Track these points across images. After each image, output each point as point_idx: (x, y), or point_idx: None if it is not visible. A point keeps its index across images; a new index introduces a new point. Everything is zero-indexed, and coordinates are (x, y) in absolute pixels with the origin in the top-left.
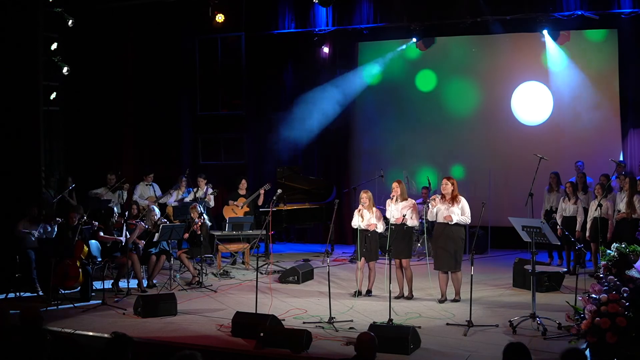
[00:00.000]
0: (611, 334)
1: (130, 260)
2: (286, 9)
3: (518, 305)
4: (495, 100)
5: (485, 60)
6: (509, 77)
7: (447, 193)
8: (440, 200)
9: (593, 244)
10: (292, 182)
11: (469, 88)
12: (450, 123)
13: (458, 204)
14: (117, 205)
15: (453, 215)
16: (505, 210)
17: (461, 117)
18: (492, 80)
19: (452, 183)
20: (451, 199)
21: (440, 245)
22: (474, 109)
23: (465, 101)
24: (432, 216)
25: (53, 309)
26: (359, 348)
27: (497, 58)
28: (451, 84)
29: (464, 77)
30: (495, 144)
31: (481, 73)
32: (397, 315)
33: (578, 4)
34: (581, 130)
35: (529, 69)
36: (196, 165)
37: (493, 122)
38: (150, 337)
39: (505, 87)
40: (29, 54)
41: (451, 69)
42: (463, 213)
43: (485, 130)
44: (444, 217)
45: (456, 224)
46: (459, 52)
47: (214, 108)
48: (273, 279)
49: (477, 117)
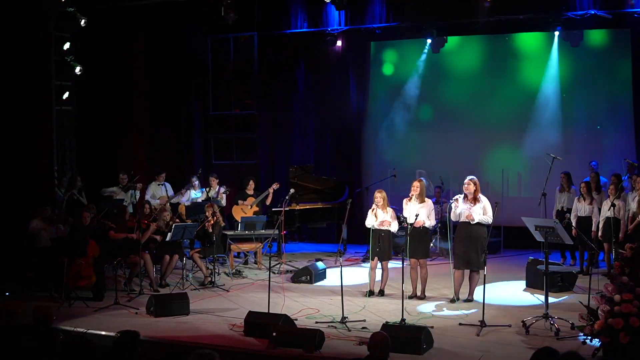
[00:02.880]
0: (624, 334)
1: (142, 259)
2: (298, 8)
3: (531, 306)
4: (507, 100)
5: (499, 59)
6: (521, 77)
7: (470, 193)
8: (462, 200)
9: (606, 244)
10: (304, 181)
11: (481, 87)
12: (463, 122)
13: (480, 204)
14: (129, 205)
15: (474, 215)
16: (518, 210)
17: (473, 116)
18: (505, 80)
19: (474, 183)
20: (473, 198)
21: (462, 244)
22: (486, 109)
23: (478, 100)
24: (455, 217)
25: (65, 309)
26: (372, 348)
27: (510, 57)
28: (464, 83)
29: (477, 76)
30: (507, 143)
31: (494, 72)
32: (409, 315)
33: (591, 3)
34: (595, 130)
35: (542, 68)
36: (208, 165)
37: (505, 121)
38: (163, 337)
39: (517, 86)
40: (41, 54)
41: (463, 68)
42: (485, 212)
43: (497, 130)
44: (466, 216)
45: (478, 224)
46: (471, 51)
47: (226, 108)
48: (285, 278)
49: (489, 116)
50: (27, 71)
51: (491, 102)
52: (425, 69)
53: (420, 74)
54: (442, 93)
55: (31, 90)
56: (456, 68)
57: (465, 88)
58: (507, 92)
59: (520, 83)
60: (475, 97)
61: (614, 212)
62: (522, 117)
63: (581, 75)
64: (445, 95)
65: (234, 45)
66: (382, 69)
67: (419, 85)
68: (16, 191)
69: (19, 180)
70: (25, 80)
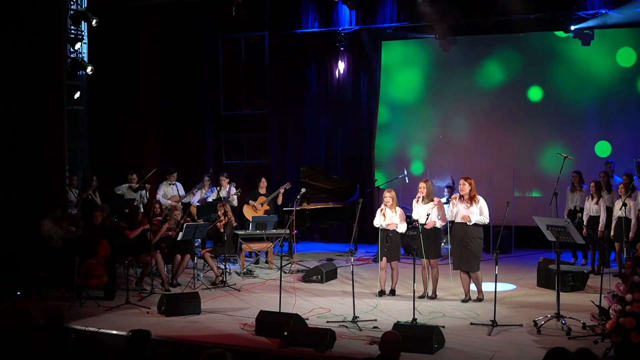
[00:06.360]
0: (636, 333)
1: (154, 259)
2: (309, 8)
3: (542, 305)
4: (517, 99)
5: (509, 58)
6: (531, 76)
7: (465, 193)
8: (458, 200)
9: (617, 243)
10: (315, 181)
11: (492, 87)
12: (474, 122)
13: (476, 204)
14: (140, 204)
15: (471, 216)
16: (530, 209)
17: (483, 115)
18: (516, 79)
19: (469, 183)
20: (469, 199)
21: (459, 245)
22: (496, 108)
23: (488, 100)
24: (451, 216)
25: (77, 308)
26: (384, 347)
27: (520, 56)
28: (474, 82)
29: (487, 75)
30: (517, 142)
31: (504, 72)
32: (421, 315)
33: (602, 2)
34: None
35: (552, 67)
36: (219, 165)
37: (516, 120)
38: (174, 336)
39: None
40: (53, 54)
41: (474, 67)
42: (481, 213)
43: (508, 129)
44: (462, 217)
45: (475, 224)
46: (482, 50)
47: (237, 107)
48: (297, 278)
49: (499, 116)
50: (39, 71)
51: (502, 102)
52: (436, 67)
53: (431, 73)
54: (452, 92)
55: (42, 90)
56: (467, 67)
57: (475, 87)
58: (518, 92)
59: (531, 82)
60: (486, 97)
61: (625, 212)
62: (533, 116)
63: (592, 74)
64: (456, 94)
65: (245, 45)
66: (392, 68)
67: (430, 84)
68: (27, 191)
69: (31, 180)
70: (36, 80)
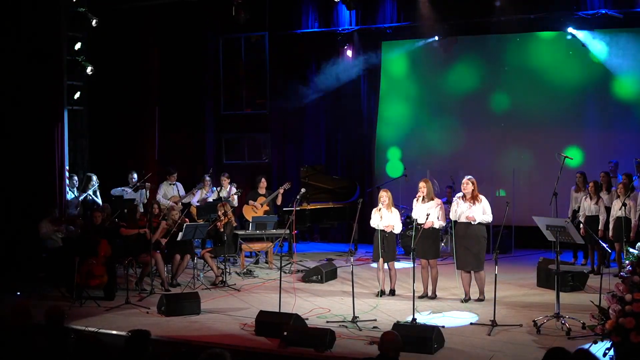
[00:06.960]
0: (635, 333)
1: (154, 259)
2: (309, 8)
3: (542, 305)
4: (518, 100)
5: (510, 59)
6: (531, 76)
7: (468, 192)
8: (461, 199)
9: (617, 243)
10: (315, 181)
11: (492, 87)
12: (475, 122)
13: (479, 203)
14: (140, 204)
15: (476, 215)
16: (530, 209)
17: (486, 116)
18: (516, 79)
19: (472, 182)
20: (472, 198)
21: (462, 245)
22: (497, 108)
23: (489, 100)
24: (454, 216)
25: (77, 308)
26: (383, 347)
27: (520, 57)
28: (475, 83)
29: (488, 76)
30: (518, 142)
31: (505, 72)
32: (420, 315)
33: (602, 2)
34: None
35: (552, 68)
36: (220, 165)
37: (516, 121)
38: (174, 336)
39: (528, 85)
40: (53, 54)
41: (474, 68)
42: (484, 212)
43: (508, 129)
44: (467, 217)
45: (478, 224)
46: (482, 51)
47: (237, 107)
48: (296, 278)
49: (500, 116)
50: (39, 71)
51: (502, 102)
52: (436, 68)
53: (431, 73)
54: (453, 92)
55: (42, 90)
56: (467, 67)
57: (476, 88)
58: (518, 92)
59: (531, 82)
60: (487, 97)
61: (624, 212)
62: (533, 116)
63: (592, 75)
64: (457, 95)
65: (245, 45)
66: (393, 68)
67: (430, 85)
68: (28, 191)
69: (31, 181)
70: (36, 80)
